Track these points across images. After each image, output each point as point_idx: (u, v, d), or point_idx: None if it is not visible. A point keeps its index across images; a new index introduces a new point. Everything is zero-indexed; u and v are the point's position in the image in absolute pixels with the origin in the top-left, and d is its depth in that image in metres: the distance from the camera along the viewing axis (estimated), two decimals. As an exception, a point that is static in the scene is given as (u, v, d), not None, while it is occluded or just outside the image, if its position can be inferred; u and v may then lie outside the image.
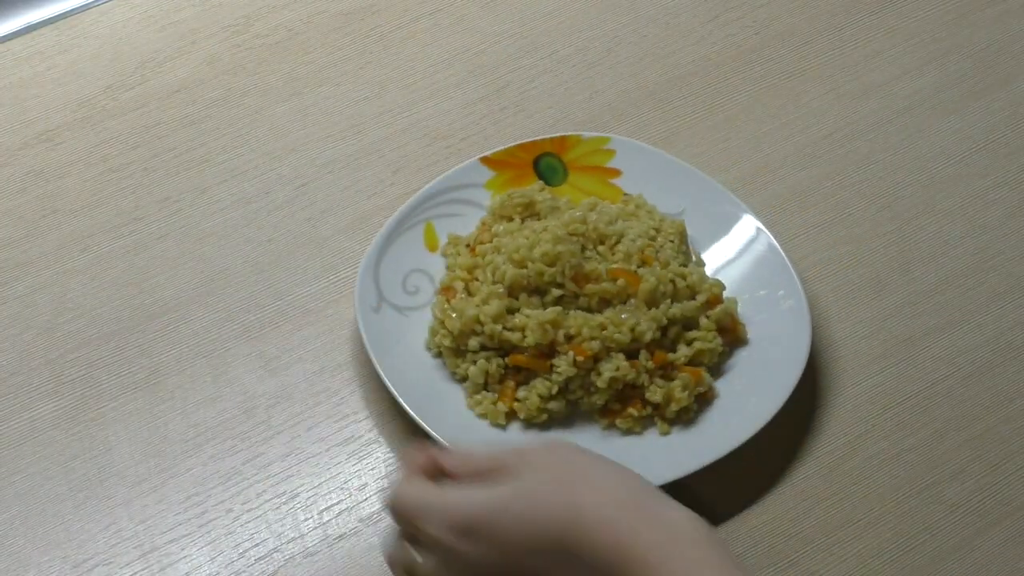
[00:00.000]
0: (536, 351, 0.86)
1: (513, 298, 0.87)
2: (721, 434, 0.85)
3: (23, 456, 0.86)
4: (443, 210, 0.93)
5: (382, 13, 1.07)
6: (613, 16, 1.08)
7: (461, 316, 0.87)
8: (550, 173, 0.95)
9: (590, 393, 0.86)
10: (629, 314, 0.86)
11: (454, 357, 0.88)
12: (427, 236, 0.93)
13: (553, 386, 0.86)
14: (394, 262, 0.91)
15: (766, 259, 0.92)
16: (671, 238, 0.91)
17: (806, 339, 0.88)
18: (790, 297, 0.90)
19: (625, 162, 0.96)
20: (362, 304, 0.88)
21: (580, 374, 0.86)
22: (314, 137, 1.00)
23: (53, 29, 1.05)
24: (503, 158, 0.95)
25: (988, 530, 0.86)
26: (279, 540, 0.84)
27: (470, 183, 0.94)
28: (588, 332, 0.85)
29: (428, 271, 0.92)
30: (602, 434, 0.86)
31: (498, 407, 0.86)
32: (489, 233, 0.91)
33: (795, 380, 0.86)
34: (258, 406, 0.88)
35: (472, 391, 0.87)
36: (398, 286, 0.90)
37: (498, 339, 0.86)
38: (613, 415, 0.86)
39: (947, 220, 0.99)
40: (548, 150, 0.96)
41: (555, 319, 0.86)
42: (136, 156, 0.99)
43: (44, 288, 0.92)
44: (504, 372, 0.87)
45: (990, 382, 0.92)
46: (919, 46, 1.08)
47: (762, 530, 0.86)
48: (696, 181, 0.95)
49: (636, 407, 0.86)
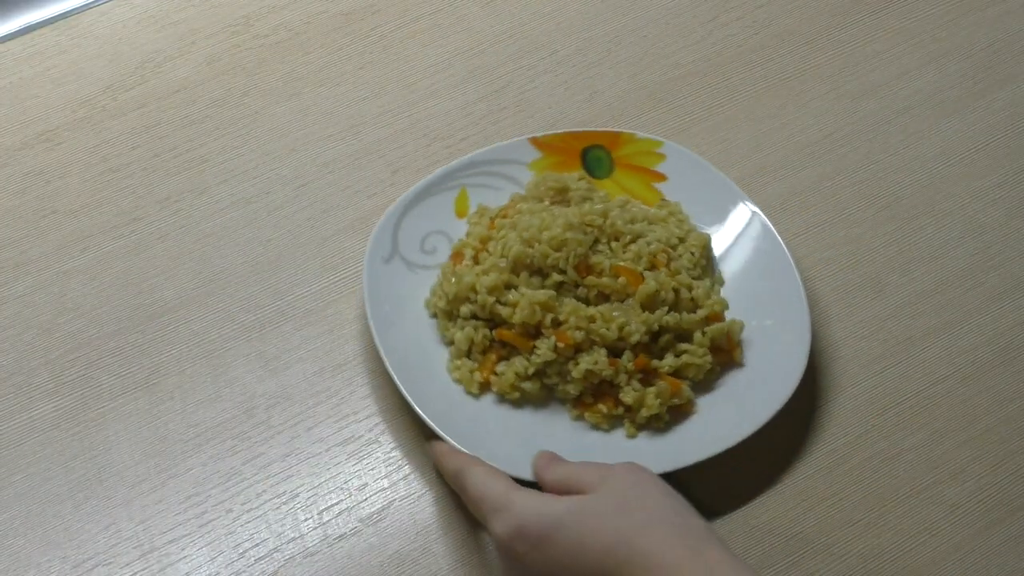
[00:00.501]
0: (522, 329, 0.87)
1: (514, 274, 0.88)
2: (686, 448, 0.85)
3: (23, 456, 0.86)
4: (482, 180, 0.94)
5: (382, 13, 1.07)
6: (613, 16, 1.08)
7: (459, 281, 0.88)
8: (596, 165, 0.95)
9: (566, 381, 0.86)
10: (621, 312, 0.86)
11: (446, 320, 0.89)
12: (459, 201, 0.93)
13: (531, 367, 0.86)
14: (419, 219, 0.92)
15: (784, 292, 0.90)
16: (692, 250, 0.91)
17: (796, 375, 0.86)
18: (795, 332, 0.88)
19: (673, 168, 0.95)
20: (373, 252, 0.90)
21: (559, 360, 0.86)
22: (314, 137, 1.00)
23: (53, 29, 1.05)
24: (553, 142, 0.96)
25: (988, 530, 0.86)
26: (279, 540, 0.84)
27: (515, 160, 0.95)
28: (575, 321, 0.86)
29: (450, 235, 0.93)
30: (571, 424, 0.87)
31: (474, 376, 0.87)
32: (514, 209, 0.92)
33: (771, 413, 0.85)
34: (258, 406, 0.88)
35: (454, 355, 0.88)
36: (416, 243, 0.92)
37: (489, 310, 0.87)
38: (584, 407, 0.87)
39: (947, 220, 0.99)
40: (599, 143, 0.96)
41: (546, 302, 0.86)
42: (136, 156, 0.99)
43: (44, 288, 0.92)
44: (489, 344, 0.88)
45: (990, 382, 0.92)
46: (919, 46, 1.08)
47: (762, 530, 0.86)
48: (738, 202, 0.93)
49: (607, 404, 0.86)
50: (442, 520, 0.85)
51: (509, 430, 0.86)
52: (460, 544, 0.84)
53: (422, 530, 0.85)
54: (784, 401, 0.85)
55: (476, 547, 0.84)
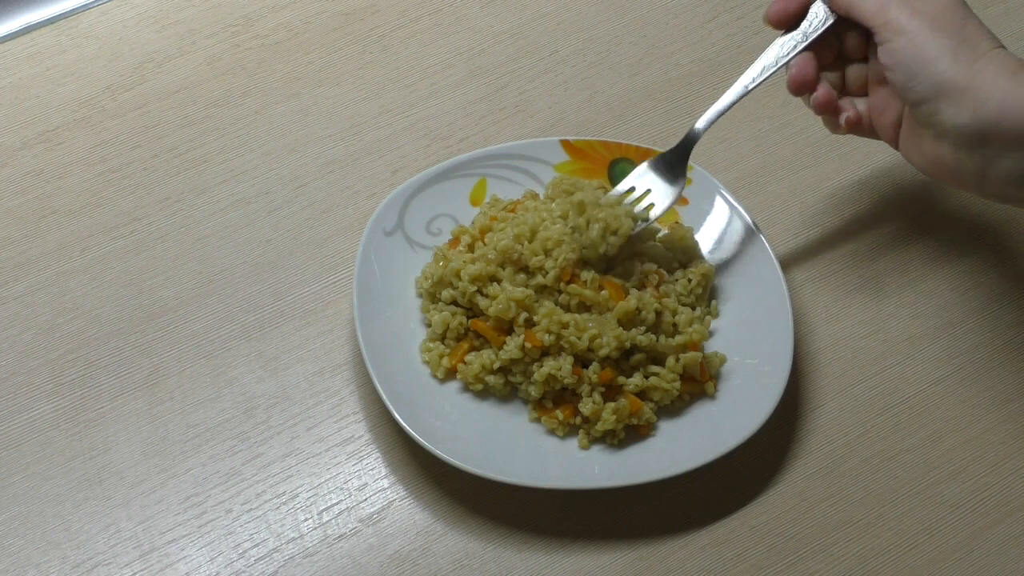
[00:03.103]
0: (496, 323, 0.87)
1: (500, 268, 0.88)
2: (634, 468, 0.84)
3: (23, 456, 0.86)
4: (504, 173, 0.95)
5: (382, 13, 1.07)
6: (613, 16, 1.08)
7: (446, 265, 0.88)
8: (622, 177, 0.93)
9: (529, 382, 0.86)
10: (596, 324, 0.86)
11: (429, 301, 0.89)
12: (476, 190, 0.94)
13: (497, 361, 0.86)
14: (432, 199, 0.93)
15: (774, 337, 0.88)
16: (691, 276, 0.90)
17: (759, 419, 0.85)
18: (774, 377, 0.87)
19: (696, 194, 0.94)
20: (376, 223, 0.90)
21: (525, 360, 0.86)
22: (313, 137, 1.00)
23: (53, 29, 1.05)
24: (583, 148, 0.96)
25: (988, 530, 0.86)
26: (279, 540, 0.84)
27: (542, 159, 0.95)
28: (547, 324, 0.86)
29: (459, 220, 0.93)
30: (528, 424, 0.87)
31: (443, 361, 0.87)
32: (522, 206, 0.92)
33: (726, 450, 0.84)
34: (258, 406, 0.88)
35: (429, 337, 0.88)
36: (423, 222, 0.92)
37: (469, 299, 0.88)
38: (543, 411, 0.87)
39: (947, 220, 0.99)
40: (628, 156, 0.96)
41: (523, 300, 0.86)
42: (136, 156, 0.99)
43: (44, 288, 0.92)
44: (464, 333, 0.88)
45: (990, 382, 0.92)
46: (919, 46, 1.08)
47: (762, 530, 0.86)
48: (752, 240, 0.92)
49: (565, 412, 0.86)
50: (442, 520, 0.85)
51: (465, 419, 0.86)
52: (460, 544, 0.84)
53: (422, 530, 0.85)
54: (741, 441, 0.84)
55: (476, 547, 0.84)
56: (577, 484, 0.83)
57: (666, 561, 0.84)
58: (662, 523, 0.85)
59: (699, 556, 0.85)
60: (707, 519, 0.86)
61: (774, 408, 0.85)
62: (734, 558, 0.85)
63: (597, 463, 0.85)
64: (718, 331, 0.91)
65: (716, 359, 0.88)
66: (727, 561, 0.84)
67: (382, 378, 0.85)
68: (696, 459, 0.84)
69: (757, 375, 0.88)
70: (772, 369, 0.87)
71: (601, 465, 0.85)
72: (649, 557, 0.84)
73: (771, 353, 0.88)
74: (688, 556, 0.84)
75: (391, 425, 0.87)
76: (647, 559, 0.84)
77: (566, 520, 0.85)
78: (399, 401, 0.84)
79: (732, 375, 0.89)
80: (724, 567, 0.84)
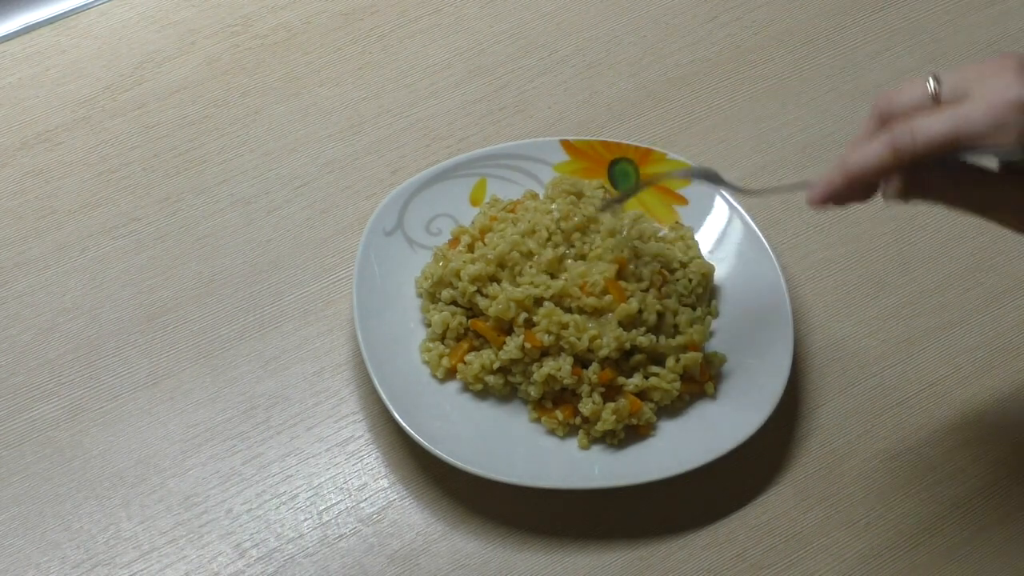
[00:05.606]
0: (496, 323, 0.87)
1: (501, 268, 0.88)
2: (635, 468, 0.85)
3: (23, 456, 0.86)
4: (504, 173, 0.95)
5: (382, 13, 1.07)
6: (613, 16, 1.08)
7: (446, 265, 0.88)
8: (621, 178, 0.94)
9: (529, 382, 0.86)
10: (596, 325, 0.86)
11: (429, 301, 0.89)
12: (476, 190, 0.94)
13: (496, 361, 0.86)
14: (432, 199, 0.93)
15: (775, 337, 0.89)
16: (692, 276, 0.90)
17: (757, 421, 0.85)
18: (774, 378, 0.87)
19: (696, 195, 0.95)
20: (376, 223, 0.91)
21: (525, 361, 0.86)
22: (313, 137, 1.00)
23: (52, 29, 1.05)
24: (583, 148, 0.96)
25: (988, 530, 0.86)
26: (279, 540, 0.84)
27: (541, 159, 0.95)
28: (547, 325, 0.86)
29: (459, 220, 0.93)
30: (528, 424, 0.87)
31: (443, 361, 0.87)
32: (522, 206, 0.92)
33: (725, 450, 0.84)
34: (257, 406, 0.88)
35: (429, 337, 0.88)
36: (422, 222, 0.92)
37: (468, 299, 0.88)
38: (543, 411, 0.87)
39: (947, 220, 0.99)
40: (628, 156, 0.96)
41: (524, 300, 0.86)
42: (135, 156, 0.99)
43: (44, 288, 0.92)
44: (464, 333, 0.88)
45: (990, 382, 0.92)
46: (919, 46, 1.08)
47: (762, 530, 0.86)
48: (751, 240, 0.92)
49: (565, 412, 0.86)
50: (442, 520, 0.85)
51: (465, 419, 0.86)
52: (460, 544, 0.84)
53: (422, 530, 0.85)
54: (741, 442, 0.84)
55: (476, 547, 0.84)
56: (577, 484, 0.84)
57: (666, 561, 0.84)
58: (662, 523, 0.85)
59: (699, 556, 0.85)
60: (707, 519, 0.86)
61: (774, 408, 0.85)
62: (734, 558, 0.85)
63: (597, 463, 0.85)
64: (718, 331, 0.91)
65: (716, 359, 0.88)
66: (727, 561, 0.84)
67: (382, 378, 0.85)
68: (696, 459, 0.84)
69: (757, 375, 0.88)
70: (772, 369, 0.87)
71: (601, 465, 0.85)
72: (649, 557, 0.84)
73: (771, 353, 0.88)
74: (688, 556, 0.84)
75: (391, 425, 0.87)
76: (647, 559, 0.84)
77: (566, 520, 0.85)
78: (399, 401, 0.84)
79: (732, 375, 0.89)
80: (724, 567, 0.84)
